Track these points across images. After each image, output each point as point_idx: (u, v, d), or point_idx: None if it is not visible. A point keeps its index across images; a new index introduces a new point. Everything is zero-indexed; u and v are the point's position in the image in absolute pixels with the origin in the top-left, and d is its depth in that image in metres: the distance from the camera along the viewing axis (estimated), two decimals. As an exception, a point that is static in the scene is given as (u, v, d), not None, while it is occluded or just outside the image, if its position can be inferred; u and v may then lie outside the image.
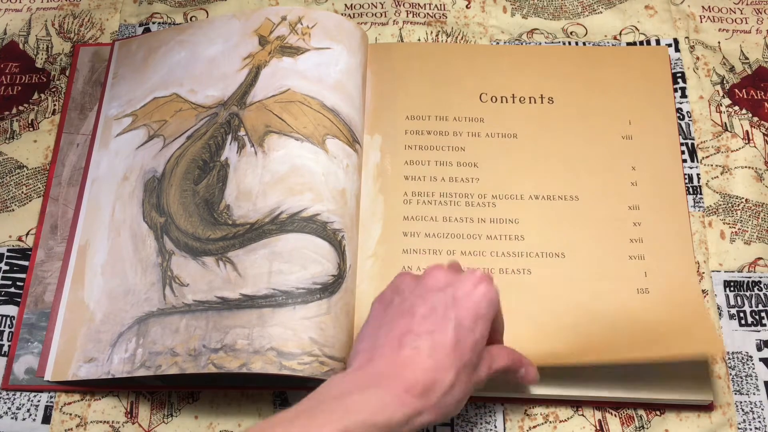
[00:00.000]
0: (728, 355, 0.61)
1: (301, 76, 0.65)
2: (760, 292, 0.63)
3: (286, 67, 0.66)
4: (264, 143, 0.62)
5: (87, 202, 0.66)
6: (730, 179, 0.68)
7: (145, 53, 0.71)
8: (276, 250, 0.58)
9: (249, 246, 0.59)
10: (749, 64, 0.73)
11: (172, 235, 0.61)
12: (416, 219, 0.64)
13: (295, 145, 0.62)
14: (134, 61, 0.71)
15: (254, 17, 0.69)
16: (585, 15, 0.76)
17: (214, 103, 0.66)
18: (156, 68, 0.70)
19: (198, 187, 0.62)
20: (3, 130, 0.71)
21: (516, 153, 0.66)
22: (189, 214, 0.62)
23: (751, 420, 0.59)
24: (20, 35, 0.76)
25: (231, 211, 0.61)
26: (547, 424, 0.59)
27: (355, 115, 0.65)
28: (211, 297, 0.58)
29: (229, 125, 0.64)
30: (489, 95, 0.69)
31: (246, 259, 0.58)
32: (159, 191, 0.64)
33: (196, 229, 0.61)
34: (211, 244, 0.60)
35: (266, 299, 0.57)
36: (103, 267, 0.62)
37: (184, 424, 0.60)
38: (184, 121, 0.66)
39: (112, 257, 0.63)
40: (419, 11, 0.76)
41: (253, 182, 0.61)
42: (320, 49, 0.66)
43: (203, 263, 0.59)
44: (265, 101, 0.64)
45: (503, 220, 0.64)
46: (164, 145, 0.65)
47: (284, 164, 0.61)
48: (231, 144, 0.63)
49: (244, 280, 0.58)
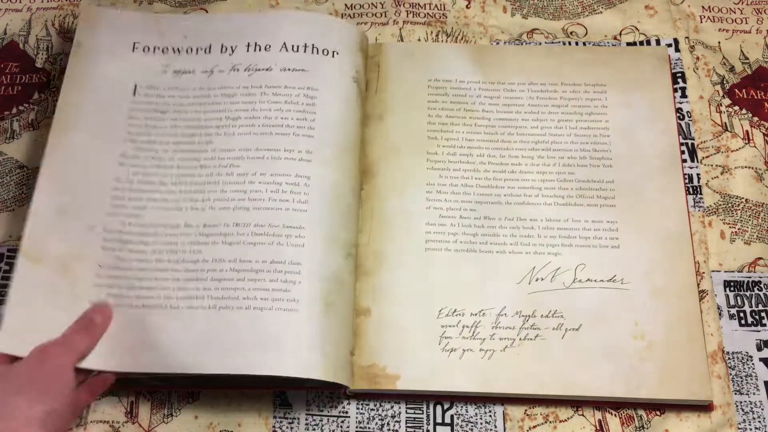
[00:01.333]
0: (728, 355, 0.61)
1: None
2: (760, 292, 0.63)
3: None
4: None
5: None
6: (730, 179, 0.68)
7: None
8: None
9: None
10: (749, 64, 0.73)
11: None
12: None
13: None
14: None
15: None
16: (585, 15, 0.76)
17: None
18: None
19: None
20: (3, 130, 0.71)
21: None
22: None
23: (751, 420, 0.59)
24: (20, 35, 0.76)
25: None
26: (547, 424, 0.59)
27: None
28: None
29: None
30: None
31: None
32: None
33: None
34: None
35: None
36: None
37: (184, 424, 0.60)
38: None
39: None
40: (419, 11, 0.76)
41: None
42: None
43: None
44: None
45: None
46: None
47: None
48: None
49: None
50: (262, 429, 0.60)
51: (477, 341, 0.60)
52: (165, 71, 0.67)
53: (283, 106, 0.64)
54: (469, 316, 0.61)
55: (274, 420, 0.60)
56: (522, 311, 0.61)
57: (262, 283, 0.57)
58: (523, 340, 0.60)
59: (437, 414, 0.60)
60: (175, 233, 0.60)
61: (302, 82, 0.65)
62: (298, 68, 0.65)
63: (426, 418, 0.60)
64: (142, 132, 0.64)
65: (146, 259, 0.59)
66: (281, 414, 0.60)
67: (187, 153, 0.63)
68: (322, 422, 0.60)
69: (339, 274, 0.59)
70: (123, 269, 0.59)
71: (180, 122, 0.64)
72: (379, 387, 0.58)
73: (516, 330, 0.60)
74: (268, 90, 0.65)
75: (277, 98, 0.64)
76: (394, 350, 0.59)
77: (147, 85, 0.66)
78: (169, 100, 0.65)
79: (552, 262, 0.62)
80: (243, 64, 0.66)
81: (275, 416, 0.60)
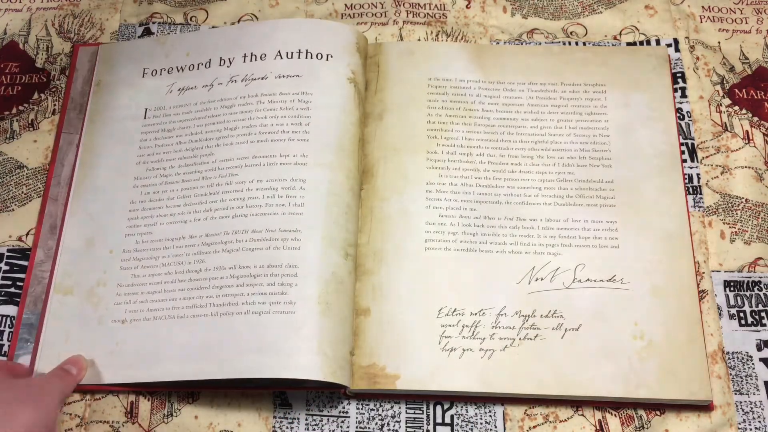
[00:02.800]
0: (728, 355, 0.61)
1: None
2: (760, 292, 0.63)
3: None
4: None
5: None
6: (730, 179, 0.68)
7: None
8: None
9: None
10: (749, 64, 0.73)
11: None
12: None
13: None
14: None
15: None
16: (585, 15, 0.76)
17: None
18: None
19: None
20: (3, 130, 0.71)
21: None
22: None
23: (751, 420, 0.59)
24: (20, 35, 0.76)
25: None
26: (547, 424, 0.59)
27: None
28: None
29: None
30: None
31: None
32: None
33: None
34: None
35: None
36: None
37: (184, 424, 0.60)
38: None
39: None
40: (419, 11, 0.76)
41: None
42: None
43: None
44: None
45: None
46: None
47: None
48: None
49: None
50: (262, 429, 0.59)
51: (477, 341, 0.60)
52: (170, 90, 0.68)
53: (278, 112, 0.64)
54: (469, 315, 0.61)
55: (274, 420, 0.60)
56: (522, 311, 0.61)
57: (260, 287, 0.58)
58: (522, 340, 0.60)
59: (437, 414, 0.60)
60: (180, 245, 0.61)
61: (296, 88, 0.65)
62: (293, 74, 0.66)
63: (426, 418, 0.60)
64: (152, 153, 0.65)
65: (157, 273, 0.61)
66: (281, 414, 0.60)
67: (191, 167, 0.64)
68: (322, 422, 0.60)
69: (338, 275, 0.59)
70: (137, 285, 0.61)
71: (184, 138, 0.65)
72: (379, 387, 0.58)
73: (516, 330, 0.60)
74: (263, 98, 0.65)
75: (272, 105, 0.65)
76: (393, 350, 0.59)
77: (156, 107, 0.67)
78: (174, 118, 0.66)
79: (552, 262, 0.62)
80: (240, 74, 0.67)
81: (275, 416, 0.60)
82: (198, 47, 0.69)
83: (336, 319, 0.58)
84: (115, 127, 0.67)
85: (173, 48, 0.70)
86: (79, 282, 0.62)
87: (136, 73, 0.70)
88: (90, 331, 0.60)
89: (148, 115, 0.67)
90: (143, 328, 0.59)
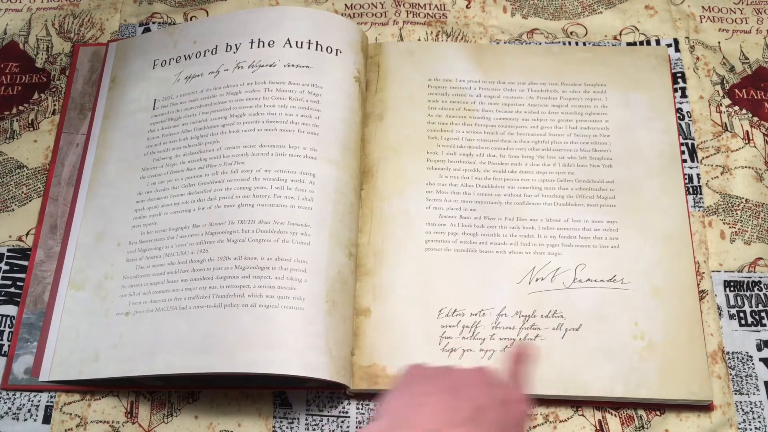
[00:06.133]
0: (728, 355, 0.61)
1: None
2: (760, 292, 0.63)
3: None
4: None
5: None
6: (730, 179, 0.68)
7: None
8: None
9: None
10: (749, 64, 0.73)
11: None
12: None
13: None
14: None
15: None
16: (585, 15, 0.76)
17: None
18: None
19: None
20: (3, 130, 0.71)
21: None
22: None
23: (751, 420, 0.59)
24: (20, 35, 0.76)
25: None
26: (547, 424, 0.59)
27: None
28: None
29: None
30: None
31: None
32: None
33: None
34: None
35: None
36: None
37: (184, 424, 0.60)
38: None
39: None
40: (419, 11, 0.76)
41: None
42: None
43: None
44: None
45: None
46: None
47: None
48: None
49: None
50: (262, 429, 0.59)
51: (477, 341, 0.60)
52: (178, 79, 0.67)
53: (288, 102, 0.64)
54: (469, 316, 0.61)
55: (274, 420, 0.60)
56: (522, 311, 0.61)
57: (268, 280, 0.57)
58: (523, 340, 0.60)
59: (437, 414, 0.60)
60: (184, 235, 0.60)
61: (306, 79, 0.65)
62: (302, 65, 0.65)
63: (426, 418, 0.60)
64: (159, 143, 0.65)
65: (160, 263, 0.60)
66: (281, 414, 0.60)
67: (195, 155, 0.63)
68: (322, 422, 0.60)
69: (342, 274, 0.59)
70: (141, 276, 0.60)
71: (190, 126, 0.65)
72: (379, 387, 0.58)
73: (516, 330, 0.60)
74: (272, 86, 0.64)
75: (281, 94, 0.64)
76: (394, 350, 0.59)
77: (164, 97, 0.67)
78: (181, 106, 0.66)
79: (552, 262, 0.62)
80: (247, 60, 0.66)
81: (275, 416, 0.60)
82: (205, 34, 0.69)
83: (340, 319, 0.58)
84: (126, 120, 0.67)
85: (181, 37, 0.70)
86: (89, 277, 0.62)
87: (147, 65, 0.69)
88: (97, 326, 0.60)
89: (157, 106, 0.67)
90: (145, 319, 0.58)
